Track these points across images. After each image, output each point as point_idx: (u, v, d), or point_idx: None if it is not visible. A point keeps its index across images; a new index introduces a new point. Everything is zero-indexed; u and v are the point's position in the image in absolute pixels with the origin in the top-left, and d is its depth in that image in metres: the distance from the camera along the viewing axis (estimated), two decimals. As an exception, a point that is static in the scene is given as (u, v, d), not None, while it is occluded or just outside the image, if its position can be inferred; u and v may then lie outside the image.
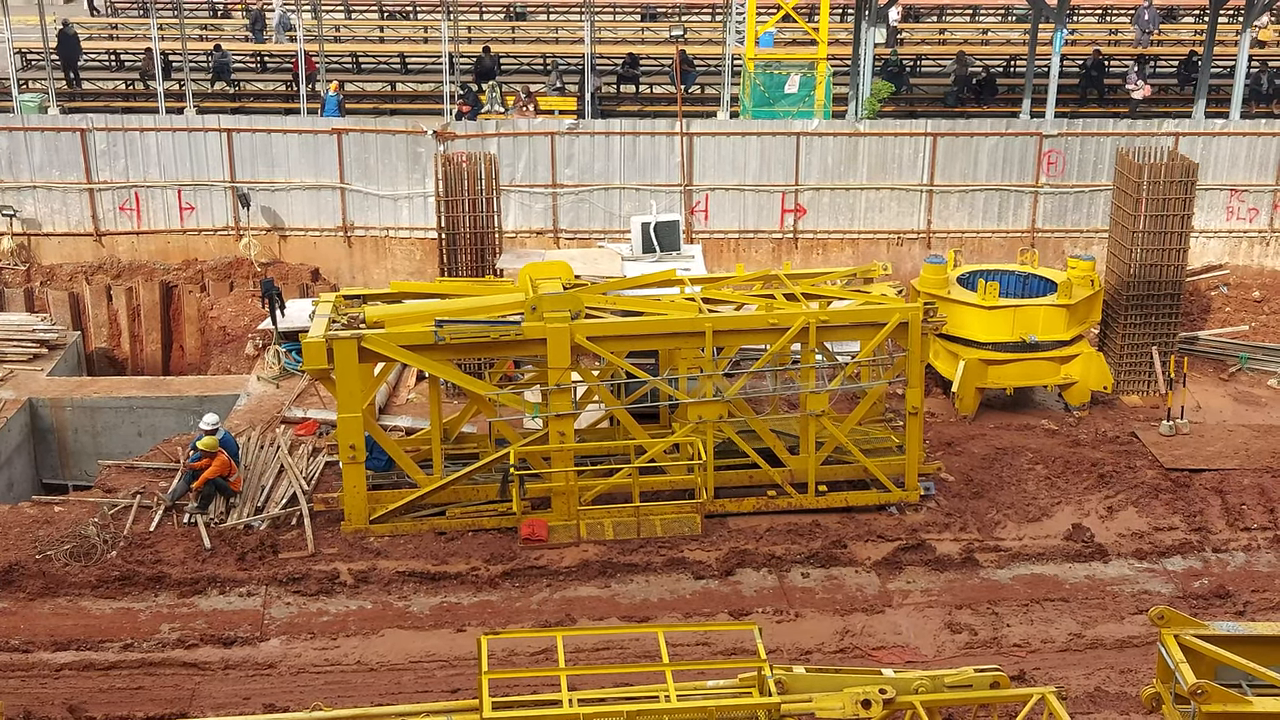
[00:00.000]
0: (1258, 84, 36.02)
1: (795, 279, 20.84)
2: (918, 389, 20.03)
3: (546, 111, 32.66)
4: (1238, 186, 28.01)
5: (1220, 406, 23.86)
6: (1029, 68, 32.38)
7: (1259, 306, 27.60)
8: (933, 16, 46.92)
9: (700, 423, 19.68)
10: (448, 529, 19.57)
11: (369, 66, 39.95)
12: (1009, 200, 28.01)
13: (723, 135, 27.73)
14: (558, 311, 18.81)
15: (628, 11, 44.41)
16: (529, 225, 27.88)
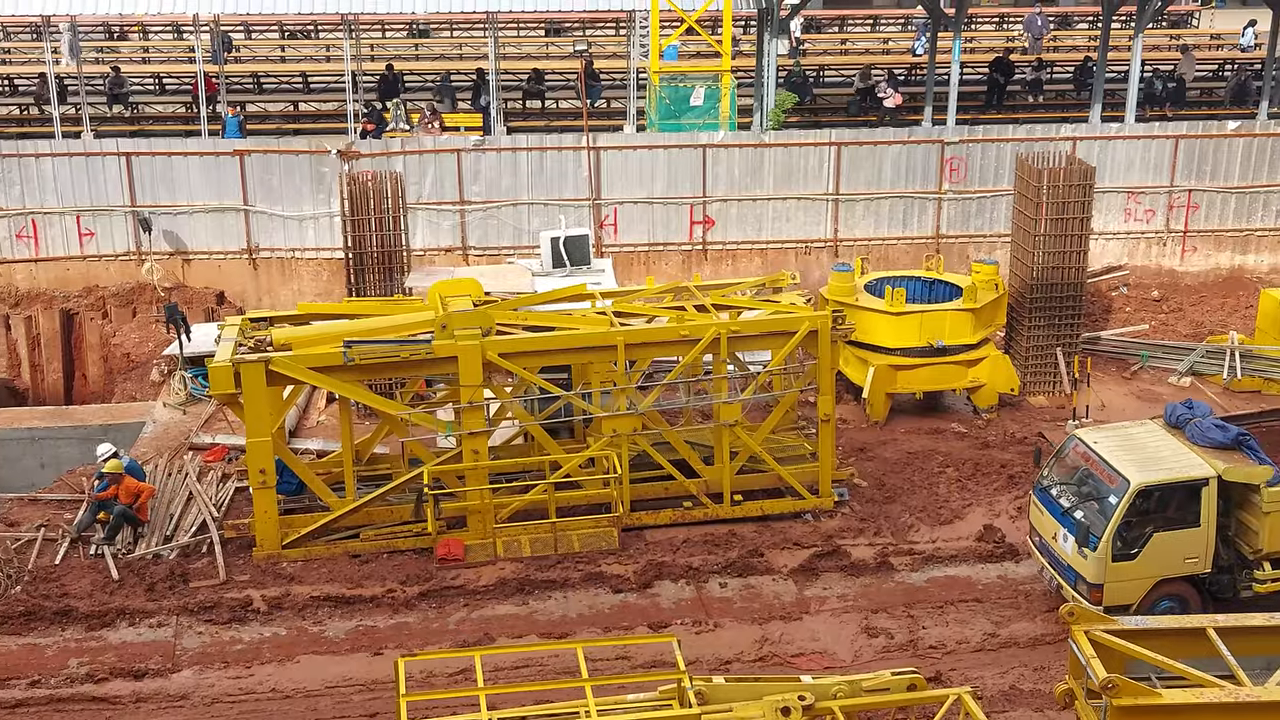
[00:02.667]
0: (1151, 88, 36.86)
1: (705, 290, 20.93)
2: (829, 396, 20.19)
3: (452, 128, 32.52)
4: (1135, 189, 28.59)
5: (1124, 405, 24.31)
6: (929, 76, 32.86)
7: (1158, 305, 28.20)
8: (834, 27, 47.48)
9: (615, 436, 19.67)
10: (362, 551, 19.37)
11: (271, 86, 39.53)
12: (913, 207, 28.37)
13: (630, 149, 27.79)
14: (468, 329, 18.72)
15: (531, 27, 44.39)
16: (437, 243, 27.72)
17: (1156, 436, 17.65)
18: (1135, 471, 16.75)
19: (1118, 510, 16.57)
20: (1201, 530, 16.83)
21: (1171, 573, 16.94)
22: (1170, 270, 29.07)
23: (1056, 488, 17.83)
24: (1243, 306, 27.65)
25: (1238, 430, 17.21)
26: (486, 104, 33.74)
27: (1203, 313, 27.80)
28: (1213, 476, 16.71)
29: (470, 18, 39.76)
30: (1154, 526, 16.79)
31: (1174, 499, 16.86)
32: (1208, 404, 18.22)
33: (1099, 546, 16.62)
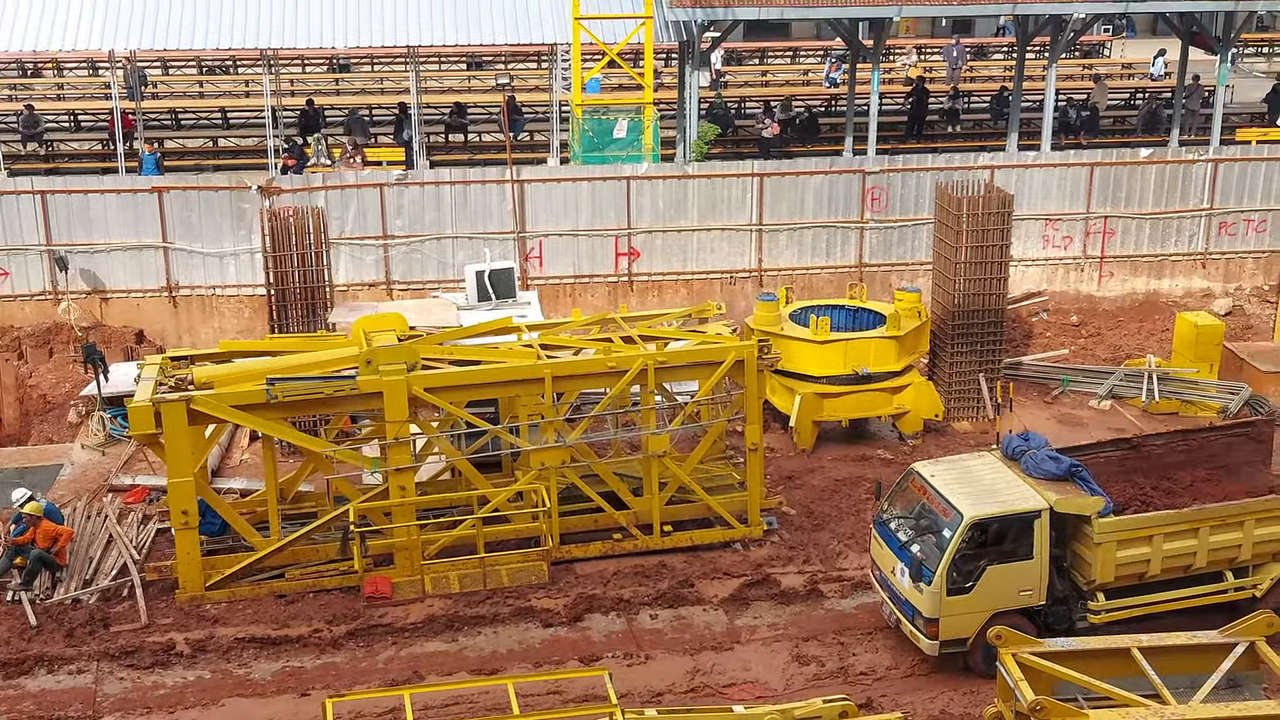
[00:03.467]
0: (1066, 117, 37.56)
1: (632, 321, 20.95)
2: (756, 425, 20.25)
3: (374, 163, 32.38)
4: (1052, 216, 29.05)
5: (1046, 429, 24.56)
6: (849, 107, 33.24)
7: (1077, 330, 28.63)
8: (754, 59, 47.91)
9: (543, 469, 19.59)
10: (288, 591, 19.09)
11: (189, 122, 39.14)
12: (836, 237, 28.62)
13: (554, 181, 27.80)
14: (393, 364, 18.57)
15: (453, 61, 44.35)
16: (361, 278, 27.53)
17: (993, 469, 17.67)
18: (969, 504, 16.73)
19: (951, 544, 16.51)
20: (1035, 562, 16.86)
21: (1007, 605, 16.87)
22: (1088, 295, 29.54)
23: (895, 521, 17.73)
24: (1159, 330, 28.14)
25: (1070, 462, 17.30)
26: (409, 138, 33.63)
27: (1120, 337, 28.26)
28: (1045, 508, 16.76)
29: (391, 52, 39.61)
30: (988, 560, 16.77)
31: (1008, 532, 16.85)
32: (1044, 437, 18.25)
33: (934, 580, 16.56)
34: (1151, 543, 17.02)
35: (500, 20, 31.15)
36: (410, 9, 31.15)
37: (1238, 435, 19.09)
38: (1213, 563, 17.50)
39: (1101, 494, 17.04)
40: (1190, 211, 29.28)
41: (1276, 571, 17.66)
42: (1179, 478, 18.65)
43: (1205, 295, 29.61)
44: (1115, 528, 16.87)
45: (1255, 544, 17.43)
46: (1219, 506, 17.36)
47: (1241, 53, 48.44)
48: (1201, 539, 17.20)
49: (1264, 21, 50.55)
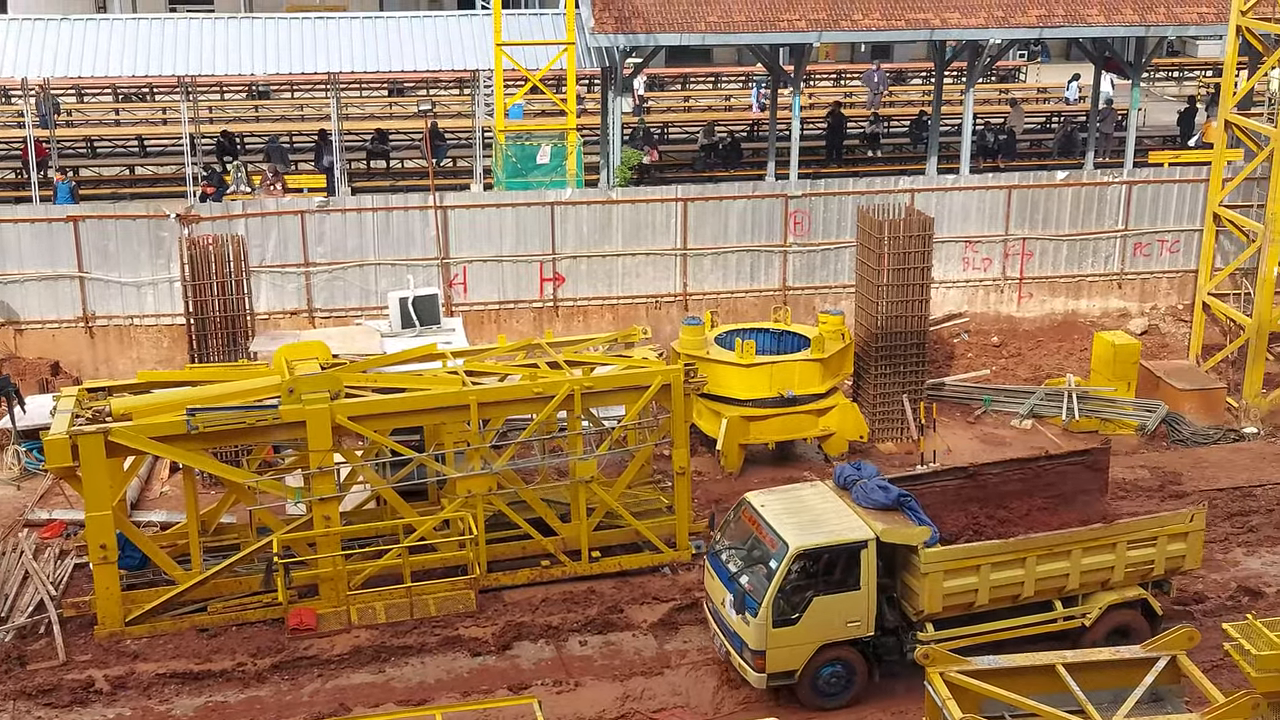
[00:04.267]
0: (983, 140, 38.13)
1: (558, 347, 20.90)
2: (683, 449, 20.28)
3: (295, 190, 32.11)
4: (971, 238, 29.41)
5: (969, 448, 24.88)
6: (771, 132, 33.50)
7: (998, 350, 28.99)
8: (676, 85, 48.17)
9: (469, 497, 19.46)
10: (210, 625, 18.79)
11: (105, 151, 38.62)
12: (760, 260, 28.77)
13: (477, 207, 27.70)
14: (316, 393, 18.38)
15: (374, 87, 44.14)
16: (282, 306, 27.23)
17: (825, 499, 17.59)
18: (795, 535, 16.63)
19: (777, 574, 16.39)
20: (862, 593, 16.75)
21: (834, 637, 16.79)
22: (1008, 316, 29.93)
23: (726, 552, 17.58)
24: (1078, 350, 28.56)
25: (899, 492, 17.20)
26: (330, 165, 33.41)
27: (1040, 357, 28.64)
28: (871, 539, 16.67)
29: (311, 79, 39.38)
30: (815, 590, 16.64)
31: (834, 562, 16.72)
32: (875, 466, 18.13)
33: (760, 612, 16.40)
34: (979, 572, 16.89)
35: (422, 46, 31.05)
36: (330, 35, 30.97)
37: (1074, 464, 19.02)
38: (1041, 592, 17.39)
39: (929, 524, 16.88)
40: (1106, 233, 29.80)
41: (1105, 600, 17.60)
42: (1015, 507, 18.48)
43: (1122, 315, 30.12)
44: (941, 558, 16.71)
45: (1083, 573, 17.39)
46: (1045, 536, 17.27)
47: (1153, 77, 49.48)
48: (1029, 568, 17.10)
49: (1174, 46, 51.65)
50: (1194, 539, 17.94)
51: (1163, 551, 17.73)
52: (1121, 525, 17.59)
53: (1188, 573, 18.64)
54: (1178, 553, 17.89)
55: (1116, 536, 17.46)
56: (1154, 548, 17.67)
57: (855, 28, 30.17)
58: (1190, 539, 17.89)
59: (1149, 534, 17.61)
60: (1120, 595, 17.71)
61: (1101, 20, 30.49)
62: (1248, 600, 19.64)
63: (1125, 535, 17.49)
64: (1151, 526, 17.65)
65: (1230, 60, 26.86)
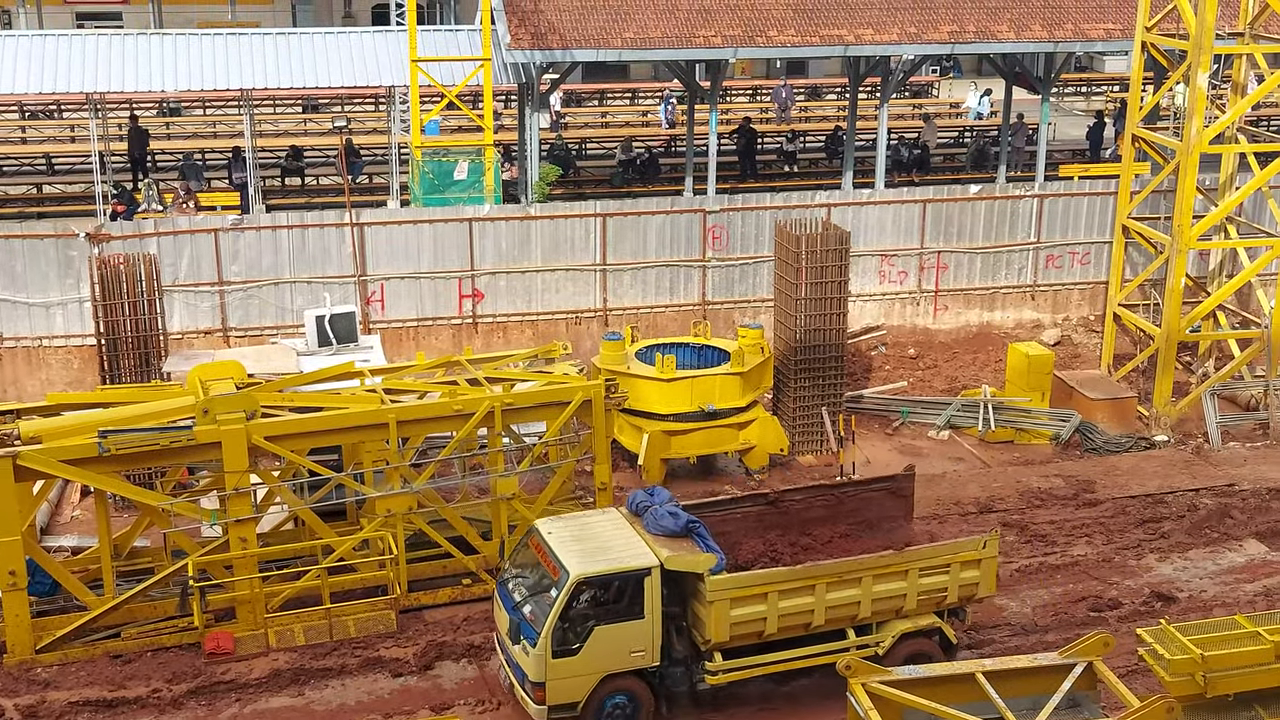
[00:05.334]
0: (898, 155, 38.58)
1: (477, 364, 20.79)
2: (605, 464, 20.25)
3: (208, 207, 31.69)
4: (887, 251, 29.71)
5: (887, 460, 25.10)
6: (689, 147, 33.64)
7: (915, 362, 29.29)
8: (594, 101, 48.24)
9: (389, 516, 19.28)
10: (124, 651, 18.42)
11: (11, 169, 37.87)
12: (679, 275, 28.85)
13: (394, 224, 27.51)
14: (231, 413, 18.12)
15: (288, 103, 43.70)
16: (196, 325, 26.84)
17: (615, 525, 17.20)
18: (576, 562, 16.24)
19: (557, 603, 16.00)
20: (646, 622, 16.38)
21: (618, 667, 16.41)
22: (924, 328, 30.26)
23: (512, 580, 17.21)
24: (993, 361, 28.94)
25: (688, 518, 16.89)
26: (243, 182, 33.01)
27: (956, 368, 28.98)
28: (655, 566, 16.32)
29: (223, 95, 38.90)
30: (596, 620, 16.26)
31: (618, 590, 16.35)
32: (668, 492, 17.76)
33: (539, 642, 16.01)
34: (767, 600, 16.53)
35: (336, 63, 30.79)
36: (243, 52, 30.62)
37: (878, 490, 18.82)
38: (833, 620, 17.06)
39: (716, 551, 16.59)
40: (1018, 245, 30.24)
41: (899, 629, 17.32)
42: (818, 534, 18.30)
43: (1035, 326, 30.58)
44: (727, 585, 16.36)
45: (875, 601, 17.08)
46: (833, 563, 16.99)
47: (1062, 92, 50.38)
48: (819, 596, 16.76)
49: (1081, 62, 52.67)
50: (987, 566, 17.59)
51: (956, 579, 17.40)
52: (913, 552, 17.24)
53: (982, 600, 18.22)
54: (971, 580, 17.53)
55: (908, 564, 17.11)
56: (947, 575, 17.34)
57: (770, 44, 30.41)
58: (984, 566, 17.54)
59: (942, 561, 17.29)
60: (914, 623, 17.37)
61: (1011, 37, 30.99)
62: (1161, 605, 19.97)
63: (917, 562, 17.15)
64: (944, 554, 17.35)
65: (1136, 75, 27.42)
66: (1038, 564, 21.36)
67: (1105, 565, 21.38)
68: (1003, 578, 20.88)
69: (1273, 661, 14.20)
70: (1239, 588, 20.73)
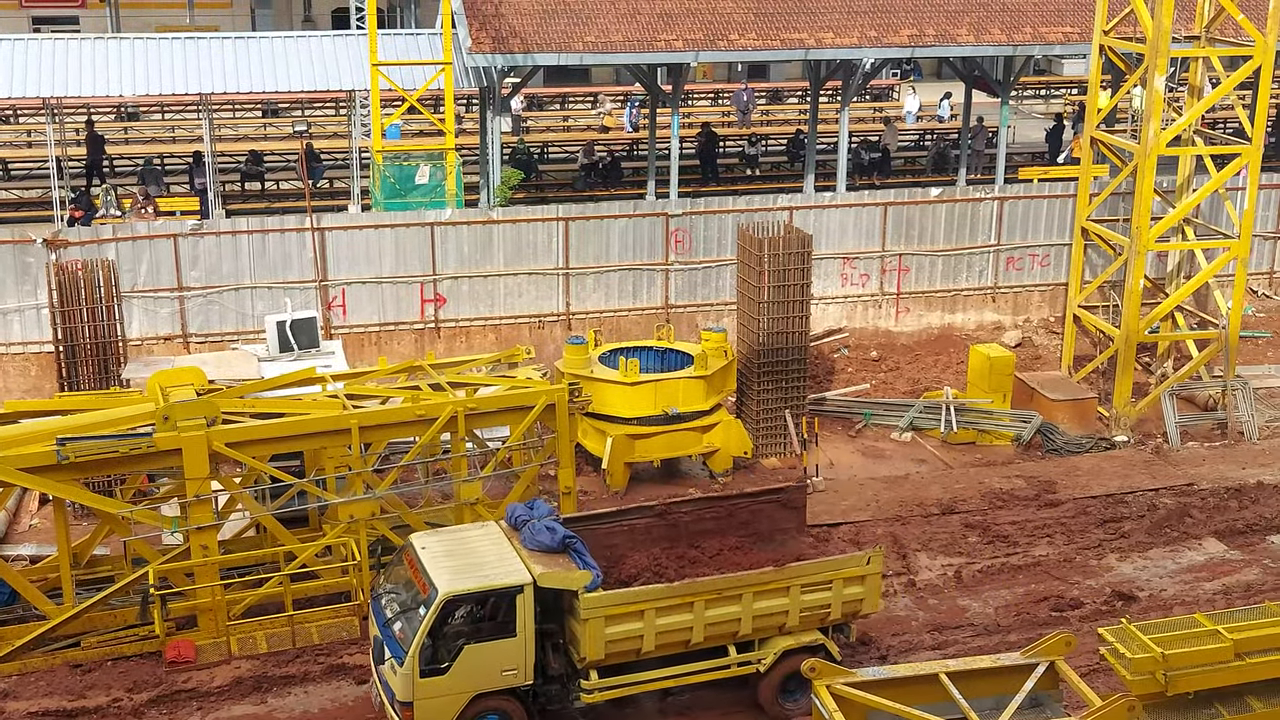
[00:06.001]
0: (859, 158, 38.74)
1: (440, 368, 20.71)
2: (569, 469, 20.22)
3: (168, 213, 31.48)
4: (849, 254, 29.81)
5: (851, 462, 25.19)
6: (650, 151, 33.67)
7: (877, 365, 29.41)
8: (555, 104, 48.21)
9: (352, 522, 19.18)
10: (85, 660, 18.26)
11: (-33, 174, 37.50)
12: (642, 279, 28.86)
13: (355, 229, 27.40)
14: (192, 419, 17.98)
15: (247, 107, 43.47)
16: (156, 331, 26.64)
17: (492, 540, 16.90)
18: (446, 579, 15.89)
19: (425, 621, 15.63)
20: (519, 640, 16.06)
21: (490, 686, 16.06)
22: (886, 331, 30.39)
23: (385, 596, 16.79)
24: (954, 363, 29.09)
25: (565, 533, 16.60)
26: (203, 187, 32.81)
27: (918, 370, 29.11)
28: (528, 583, 16.01)
29: (182, 99, 38.66)
30: (466, 638, 15.92)
31: (489, 608, 16.02)
32: (548, 505, 17.58)
33: (406, 661, 15.63)
34: (644, 618, 16.26)
35: (296, 67, 30.64)
36: (202, 56, 30.42)
37: (769, 502, 18.50)
38: (713, 637, 16.77)
39: (593, 567, 16.31)
40: (979, 248, 30.41)
41: (781, 645, 17.02)
42: (707, 546, 18.03)
43: (996, 328, 30.76)
44: (602, 603, 16.07)
45: (756, 617, 16.80)
46: (712, 580, 16.66)
47: (1021, 95, 50.72)
48: (698, 613, 16.46)
49: (1040, 65, 53.04)
50: (871, 582, 17.31)
51: (839, 595, 17.13)
52: (794, 568, 16.96)
53: (867, 617, 17.96)
54: (855, 596, 17.25)
55: (790, 580, 16.83)
56: (830, 591, 17.09)
57: (732, 47, 30.48)
58: (868, 582, 17.27)
59: (824, 577, 17.04)
60: (797, 640, 17.08)
61: (971, 40, 31.19)
62: (1122, 605, 20.12)
63: (799, 579, 16.88)
64: (826, 569, 17.09)
65: (1094, 78, 27.64)
66: (1000, 564, 21.48)
67: (1067, 565, 21.53)
68: (966, 578, 21.05)
69: (1232, 660, 14.34)
70: (1199, 586, 20.91)
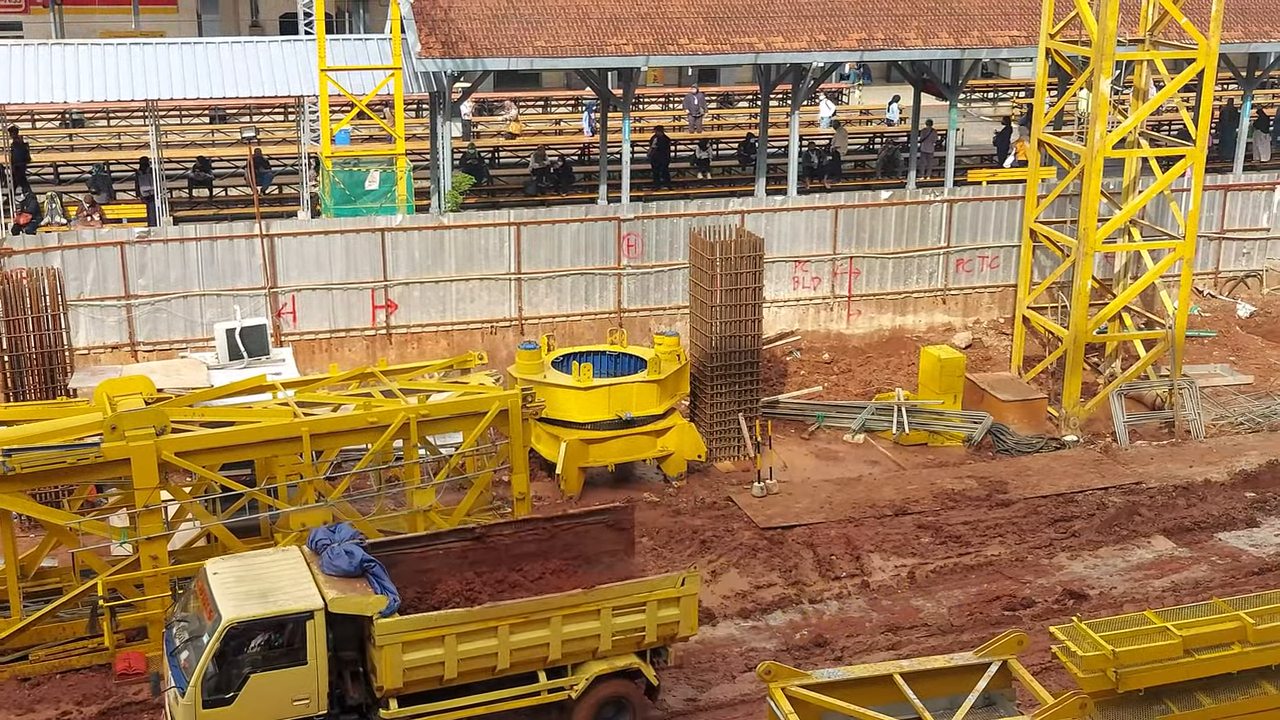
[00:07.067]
0: (809, 162, 38.86)
1: (392, 375, 20.61)
2: (523, 474, 20.16)
3: (114, 220, 31.15)
4: (801, 257, 29.93)
5: (804, 464, 25.28)
6: (602, 155, 33.64)
7: (829, 367, 29.53)
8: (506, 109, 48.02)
9: (304, 531, 19.01)
10: (32, 673, 18.05)
11: (-91, 182, 36.87)
12: (594, 283, 28.85)
13: (305, 235, 27.23)
14: (140, 429, 17.79)
15: (194, 114, 43.08)
16: (103, 340, 26.36)
17: (290, 565, 16.30)
18: (231, 606, 15.34)
19: (208, 649, 15.08)
20: (310, 668, 15.47)
21: (279, 717, 15.49)
22: (838, 333, 30.51)
23: (177, 624, 16.19)
24: (905, 365, 29.26)
25: (364, 557, 16.12)
26: (150, 194, 32.49)
27: (870, 372, 29.26)
28: (318, 609, 15.46)
29: (129, 106, 38.27)
30: (252, 667, 15.32)
31: (277, 635, 15.46)
32: (352, 529, 17.04)
33: (188, 692, 15.04)
34: (444, 644, 15.73)
35: (244, 72, 30.39)
36: (148, 62, 30.10)
37: (595, 523, 17.97)
38: (521, 663, 16.29)
39: (391, 592, 15.78)
40: (929, 250, 30.62)
41: (594, 670, 16.54)
42: (528, 570, 17.54)
43: (947, 329, 30.96)
44: (397, 629, 15.53)
45: (566, 642, 16.31)
46: (514, 604, 16.17)
47: (969, 98, 51.09)
48: (502, 638, 15.97)
49: (988, 69, 53.44)
50: (687, 604, 16.83)
51: (654, 618, 16.64)
52: (604, 590, 16.47)
53: (685, 640, 17.46)
54: (670, 618, 16.77)
55: (600, 602, 16.36)
56: (644, 614, 16.60)
57: (682, 51, 30.50)
58: (684, 604, 16.78)
59: (637, 600, 16.55)
60: (610, 665, 16.62)
61: (919, 44, 31.37)
62: (1073, 603, 20.30)
63: (610, 601, 16.39)
64: (639, 591, 16.59)
65: (1041, 81, 27.89)
66: (952, 565, 21.62)
67: (1018, 565, 21.69)
68: (919, 579, 21.16)
69: (1181, 656, 14.48)
70: (1148, 584, 21.13)
